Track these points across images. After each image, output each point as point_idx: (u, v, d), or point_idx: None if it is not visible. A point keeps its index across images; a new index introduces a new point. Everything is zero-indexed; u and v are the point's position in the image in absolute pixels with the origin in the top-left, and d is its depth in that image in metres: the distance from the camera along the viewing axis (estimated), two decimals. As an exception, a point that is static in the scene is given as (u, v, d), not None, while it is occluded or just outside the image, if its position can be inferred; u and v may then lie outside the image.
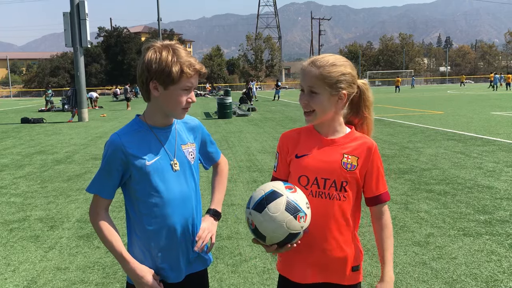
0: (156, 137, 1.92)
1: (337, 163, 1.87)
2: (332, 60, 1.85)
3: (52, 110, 31.98)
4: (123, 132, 1.92)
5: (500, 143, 10.87)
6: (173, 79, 1.82)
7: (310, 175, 1.87)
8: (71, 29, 22.08)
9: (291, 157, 1.94)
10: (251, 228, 1.76)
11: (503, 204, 5.83)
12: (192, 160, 2.01)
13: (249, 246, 4.67)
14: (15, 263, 4.43)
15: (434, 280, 3.77)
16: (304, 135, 1.97)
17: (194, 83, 1.90)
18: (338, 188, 1.86)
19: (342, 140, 1.91)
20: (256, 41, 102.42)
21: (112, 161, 1.87)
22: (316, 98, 1.84)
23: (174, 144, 1.96)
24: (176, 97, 1.86)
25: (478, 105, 24.92)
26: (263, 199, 1.74)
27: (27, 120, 21.67)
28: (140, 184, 1.89)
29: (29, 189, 7.51)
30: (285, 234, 1.70)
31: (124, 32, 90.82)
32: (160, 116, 1.94)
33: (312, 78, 1.83)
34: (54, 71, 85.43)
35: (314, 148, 1.90)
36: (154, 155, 1.90)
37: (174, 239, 1.94)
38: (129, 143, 1.87)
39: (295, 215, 1.70)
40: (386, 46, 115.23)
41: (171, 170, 1.92)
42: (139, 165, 1.87)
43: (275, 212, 1.69)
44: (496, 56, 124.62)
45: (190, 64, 1.84)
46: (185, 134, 2.02)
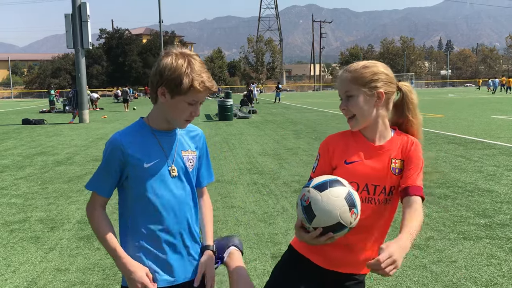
0: (157, 140, 1.92)
1: (387, 169, 1.90)
2: (363, 63, 1.91)
3: (53, 111, 32.03)
4: (125, 132, 1.92)
5: (500, 146, 10.87)
6: (181, 91, 1.81)
7: (360, 182, 1.88)
8: (72, 30, 22.13)
9: (338, 162, 1.93)
10: (303, 205, 1.75)
11: (504, 208, 5.83)
12: (190, 167, 1.99)
13: (249, 248, 4.68)
14: (15, 264, 4.44)
15: (434, 284, 3.77)
16: (352, 140, 1.95)
17: (202, 98, 1.88)
18: (386, 193, 1.90)
19: (389, 145, 1.93)
20: (257, 44, 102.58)
21: (111, 160, 1.88)
22: (353, 101, 1.87)
23: (174, 150, 1.95)
24: (181, 108, 1.85)
25: (479, 108, 24.92)
26: (326, 182, 1.76)
27: (28, 121, 21.70)
28: (137, 186, 1.89)
29: (30, 190, 7.52)
30: (335, 221, 1.71)
31: (126, 34, 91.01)
32: (163, 121, 1.93)
33: (346, 82, 1.87)
34: (55, 72, 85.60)
35: (364, 154, 1.91)
36: (153, 158, 1.89)
37: (168, 243, 1.93)
38: (129, 144, 1.87)
39: (350, 208, 1.73)
40: (387, 49, 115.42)
41: (169, 175, 1.91)
42: (137, 166, 1.87)
43: (335, 195, 1.72)
44: (497, 60, 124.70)
45: (202, 81, 1.82)
46: (186, 141, 2.01)
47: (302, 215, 1.76)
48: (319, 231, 1.72)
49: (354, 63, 1.91)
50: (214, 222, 5.70)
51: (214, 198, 6.69)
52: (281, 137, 14.00)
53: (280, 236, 5.02)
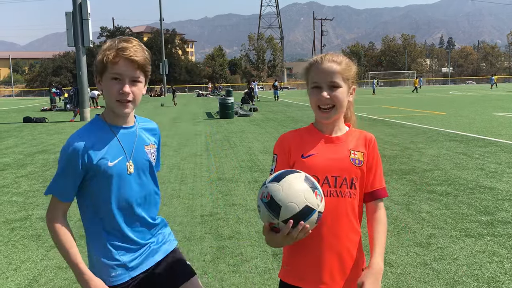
0: (115, 136, 1.89)
1: (346, 159, 1.86)
2: (344, 58, 1.92)
3: (54, 109, 32.05)
4: (84, 132, 1.86)
5: (502, 144, 10.85)
6: (101, 68, 1.81)
7: (320, 175, 1.82)
8: (73, 28, 22.11)
9: (295, 158, 1.88)
10: (264, 201, 1.67)
11: (505, 205, 5.82)
12: (153, 161, 2.02)
13: (250, 246, 4.67)
14: (16, 262, 4.44)
15: (435, 281, 3.76)
16: (306, 135, 1.93)
17: (123, 70, 1.80)
18: (349, 185, 1.84)
19: (346, 137, 1.91)
20: (258, 41, 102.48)
21: (72, 163, 1.81)
22: (338, 92, 1.85)
23: (133, 145, 1.92)
24: (108, 87, 1.81)
25: (480, 106, 24.88)
26: (282, 173, 1.73)
27: (29, 120, 21.70)
28: (100, 185, 1.86)
29: (31, 188, 7.52)
30: (302, 204, 1.63)
31: (127, 32, 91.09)
32: (112, 113, 1.90)
33: (334, 73, 1.84)
34: (56, 70, 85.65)
35: (321, 147, 1.87)
36: (116, 156, 1.86)
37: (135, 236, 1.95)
38: (90, 144, 1.82)
39: (313, 189, 1.68)
40: (388, 46, 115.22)
41: (126, 171, 1.89)
42: (102, 166, 1.83)
43: (293, 180, 1.67)
44: (499, 57, 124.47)
45: (117, 50, 1.78)
46: (146, 135, 2.01)
47: (267, 214, 1.67)
48: (290, 223, 1.62)
49: (336, 54, 1.91)
50: (216, 220, 5.73)
51: (216, 196, 6.69)
52: (282, 135, 13.96)
53: (281, 233, 5.01)
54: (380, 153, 2.00)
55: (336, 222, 1.82)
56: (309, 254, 1.82)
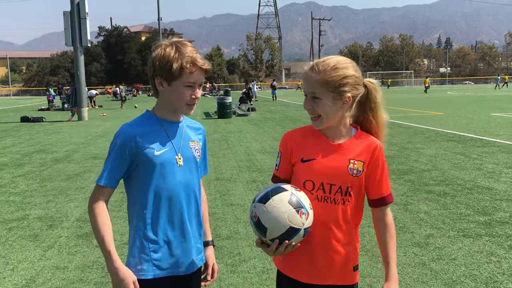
0: (164, 130, 1.98)
1: (344, 169, 1.85)
2: (333, 63, 1.81)
3: (52, 109, 31.99)
4: (134, 123, 1.98)
5: (500, 144, 10.87)
6: (174, 75, 1.88)
7: (316, 180, 1.85)
8: (71, 28, 22.07)
9: (296, 159, 1.91)
10: (253, 221, 1.77)
11: (503, 205, 5.82)
12: (198, 157, 2.07)
13: (248, 246, 4.67)
14: (14, 262, 4.42)
15: (433, 281, 3.76)
16: (310, 137, 1.92)
17: (197, 79, 1.93)
18: (343, 193, 1.85)
19: (349, 144, 1.89)
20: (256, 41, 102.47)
21: (122, 151, 1.90)
22: (320, 103, 1.81)
23: (180, 140, 2.01)
24: (179, 92, 1.92)
25: (478, 106, 24.93)
26: (268, 192, 1.78)
27: (26, 119, 21.65)
28: (146, 174, 1.93)
29: (28, 188, 7.50)
30: (286, 226, 1.72)
31: (124, 32, 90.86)
32: (168, 111, 2.00)
33: (313, 84, 1.80)
34: (54, 70, 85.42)
35: (321, 153, 1.87)
36: (162, 147, 1.95)
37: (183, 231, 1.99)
38: (140, 134, 1.92)
39: (297, 210, 1.73)
40: (386, 46, 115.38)
41: (176, 164, 1.97)
42: (148, 155, 1.91)
43: (278, 203, 1.73)
44: (496, 58, 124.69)
45: (191, 60, 1.89)
46: (192, 132, 2.10)
47: (256, 232, 1.78)
48: (277, 242, 1.73)
49: (323, 62, 1.81)
50: (214, 220, 5.73)
51: (214, 196, 6.68)
52: (280, 135, 13.90)
53: (279, 233, 5.01)
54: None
55: (327, 226, 1.87)
56: (301, 252, 1.87)
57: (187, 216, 2.00)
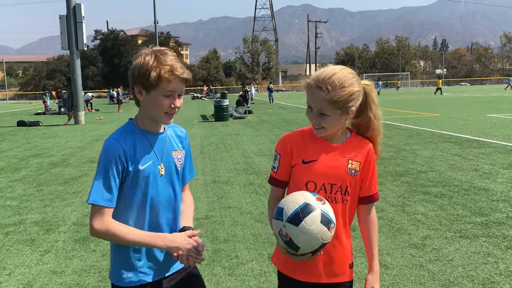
0: (148, 141, 1.96)
1: (343, 168, 1.93)
2: (340, 81, 1.80)
3: (48, 113, 31.93)
4: (118, 135, 1.93)
5: (496, 145, 10.90)
6: (152, 84, 1.85)
7: (317, 181, 1.91)
8: (67, 32, 22.06)
9: (297, 161, 1.94)
10: (284, 239, 1.80)
11: (500, 206, 5.84)
12: (179, 166, 2.07)
13: (246, 249, 4.66)
14: (10, 266, 4.40)
15: (431, 283, 3.76)
16: (309, 139, 1.96)
17: (176, 88, 1.89)
18: (343, 192, 1.94)
19: (346, 145, 1.96)
20: (253, 44, 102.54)
21: (112, 166, 1.85)
22: (327, 119, 1.85)
23: (164, 149, 2.00)
24: (158, 101, 1.88)
25: (474, 107, 25.00)
26: (298, 212, 1.77)
27: (23, 123, 21.60)
28: (130, 188, 1.91)
29: (25, 193, 7.48)
30: (319, 244, 1.78)
31: (121, 35, 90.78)
32: (149, 121, 1.97)
33: (322, 102, 1.81)
34: (50, 74, 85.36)
35: (322, 154, 1.93)
36: (147, 159, 1.93)
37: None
38: (128, 148, 1.89)
39: (328, 227, 1.78)
40: (382, 48, 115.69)
41: (158, 174, 1.96)
42: (134, 168, 1.89)
43: (311, 225, 1.75)
44: (492, 59, 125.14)
45: (170, 69, 1.85)
46: (175, 141, 2.08)
47: (286, 247, 1.82)
48: (309, 256, 1.82)
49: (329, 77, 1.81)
50: (211, 223, 5.72)
51: (211, 199, 6.67)
52: (277, 137, 13.98)
53: (277, 236, 5.00)
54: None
55: None
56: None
57: (166, 222, 2.01)
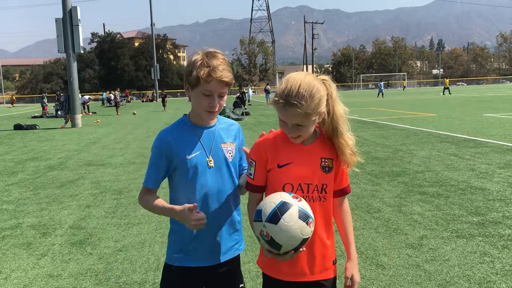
0: (196, 134, 2.12)
1: (317, 167, 1.98)
2: (308, 91, 1.83)
3: (45, 116, 31.88)
4: (169, 129, 2.14)
5: (492, 144, 10.93)
6: (193, 82, 2.01)
7: (294, 182, 1.96)
8: (63, 35, 22.04)
9: (272, 165, 1.99)
10: (265, 239, 1.83)
11: (496, 206, 5.85)
12: (230, 158, 2.17)
13: (243, 250, 4.65)
14: (7, 270, 4.39)
15: (427, 283, 3.77)
16: (282, 143, 2.00)
17: (214, 89, 2.01)
18: (319, 191, 1.98)
19: (317, 145, 2.01)
20: (250, 45, 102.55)
21: (159, 155, 2.08)
22: (303, 129, 1.91)
23: (212, 142, 2.13)
24: (199, 99, 2.04)
25: (471, 107, 25.06)
26: (275, 211, 1.81)
27: (20, 127, 21.57)
28: (181, 176, 2.09)
29: (22, 196, 7.46)
30: (300, 240, 1.81)
31: (118, 38, 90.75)
32: (197, 116, 2.12)
33: (297, 117, 1.85)
34: (47, 77, 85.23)
35: (295, 155, 1.97)
36: (193, 151, 2.09)
37: (209, 228, 2.08)
38: (173, 139, 2.08)
39: (306, 222, 1.81)
40: (379, 49, 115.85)
41: (207, 166, 2.10)
42: (181, 158, 2.07)
43: (290, 221, 1.79)
44: (488, 59, 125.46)
45: (209, 70, 1.97)
46: (225, 134, 2.20)
47: (268, 247, 1.85)
48: (291, 253, 1.83)
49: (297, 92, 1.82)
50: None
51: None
52: (274, 139, 13.97)
53: (273, 237, 5.00)
54: (372, 155, 2.08)
55: None
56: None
57: (218, 212, 2.12)
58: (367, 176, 7.84)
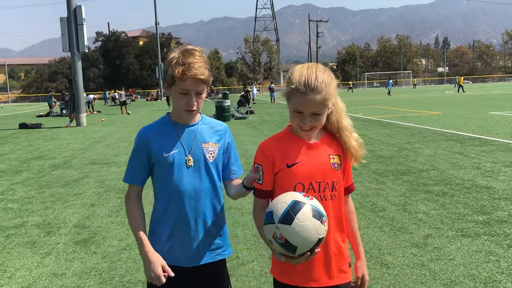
0: (176, 133, 2.09)
1: (327, 164, 1.92)
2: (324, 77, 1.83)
3: (51, 115, 31.98)
4: (150, 126, 2.14)
5: (498, 143, 10.86)
6: (169, 81, 2.00)
7: (304, 182, 1.89)
8: (68, 34, 22.08)
9: (280, 167, 1.92)
10: (279, 242, 1.74)
11: (501, 204, 5.81)
12: (210, 159, 2.12)
13: (246, 249, 4.65)
14: (11, 269, 4.40)
15: (432, 282, 3.75)
16: (287, 143, 1.94)
17: (190, 87, 1.98)
18: (330, 189, 1.92)
19: (324, 141, 1.96)
20: (254, 44, 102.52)
21: (138, 151, 2.10)
22: (319, 118, 1.86)
23: (193, 142, 2.10)
24: (176, 98, 2.02)
25: (476, 105, 24.94)
26: (288, 211, 1.74)
27: (25, 126, 21.65)
28: (158, 173, 2.09)
29: (26, 195, 7.48)
30: (316, 240, 1.74)
31: (122, 37, 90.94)
32: (177, 114, 2.10)
33: (316, 104, 1.81)
34: (52, 76, 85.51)
35: (303, 154, 1.91)
36: (171, 149, 2.06)
37: (184, 228, 2.08)
38: (153, 136, 2.08)
39: (321, 220, 1.75)
40: (383, 47, 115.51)
41: (185, 165, 2.07)
42: (159, 156, 2.06)
43: (304, 220, 1.72)
44: (494, 56, 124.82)
45: (184, 69, 1.94)
46: (208, 134, 2.16)
47: (282, 250, 1.77)
48: (307, 255, 1.76)
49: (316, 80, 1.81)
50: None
51: (212, 200, 6.66)
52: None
53: (277, 236, 4.99)
54: (377, 153, 2.07)
55: None
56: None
57: (194, 214, 2.08)
58: (372, 175, 7.81)
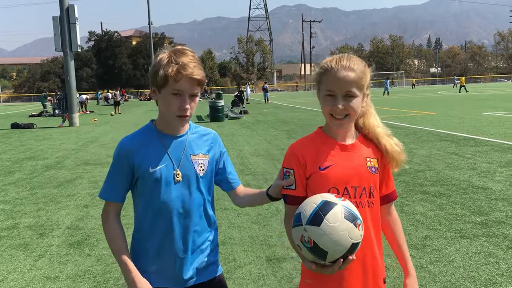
0: (163, 144, 1.89)
1: (364, 168, 1.77)
2: (359, 60, 1.76)
3: (43, 115, 31.74)
4: (132, 136, 1.93)
5: (493, 143, 10.88)
6: (160, 82, 1.80)
7: (339, 186, 1.73)
8: (61, 33, 21.91)
9: (312, 170, 1.76)
10: (308, 246, 1.57)
11: (499, 205, 5.79)
12: (201, 172, 1.94)
13: (244, 251, 4.59)
14: (3, 272, 4.31)
15: (432, 284, 3.70)
16: (320, 144, 1.79)
17: (184, 88, 1.80)
18: (367, 195, 1.76)
19: (360, 143, 1.81)
20: (248, 44, 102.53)
21: (119, 165, 1.88)
22: (354, 102, 1.71)
23: (181, 154, 1.90)
24: (168, 101, 1.82)
25: (470, 105, 25.03)
26: (317, 211, 1.57)
27: (17, 126, 21.45)
28: (143, 189, 1.89)
29: (19, 196, 7.37)
30: (348, 245, 1.55)
31: (115, 36, 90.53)
32: (165, 123, 1.91)
33: (350, 83, 1.69)
34: (44, 76, 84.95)
35: (337, 156, 1.76)
36: (158, 163, 1.86)
37: (172, 247, 1.89)
38: (136, 149, 1.87)
39: (354, 223, 1.57)
40: (376, 48, 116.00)
41: (173, 180, 1.88)
42: (143, 171, 1.86)
43: (335, 222, 1.54)
44: (486, 57, 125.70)
45: (178, 67, 1.78)
46: (197, 145, 1.96)
47: (311, 256, 1.59)
48: (340, 262, 1.58)
49: (351, 60, 1.73)
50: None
51: (207, 201, 6.59)
52: (273, 137, 13.93)
53: (274, 238, 4.94)
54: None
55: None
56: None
57: (182, 231, 1.90)
58: (368, 175, 7.78)
